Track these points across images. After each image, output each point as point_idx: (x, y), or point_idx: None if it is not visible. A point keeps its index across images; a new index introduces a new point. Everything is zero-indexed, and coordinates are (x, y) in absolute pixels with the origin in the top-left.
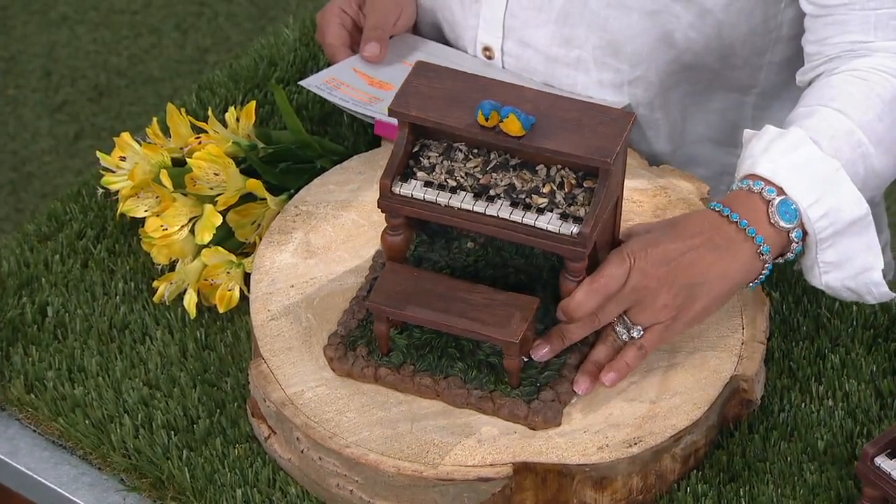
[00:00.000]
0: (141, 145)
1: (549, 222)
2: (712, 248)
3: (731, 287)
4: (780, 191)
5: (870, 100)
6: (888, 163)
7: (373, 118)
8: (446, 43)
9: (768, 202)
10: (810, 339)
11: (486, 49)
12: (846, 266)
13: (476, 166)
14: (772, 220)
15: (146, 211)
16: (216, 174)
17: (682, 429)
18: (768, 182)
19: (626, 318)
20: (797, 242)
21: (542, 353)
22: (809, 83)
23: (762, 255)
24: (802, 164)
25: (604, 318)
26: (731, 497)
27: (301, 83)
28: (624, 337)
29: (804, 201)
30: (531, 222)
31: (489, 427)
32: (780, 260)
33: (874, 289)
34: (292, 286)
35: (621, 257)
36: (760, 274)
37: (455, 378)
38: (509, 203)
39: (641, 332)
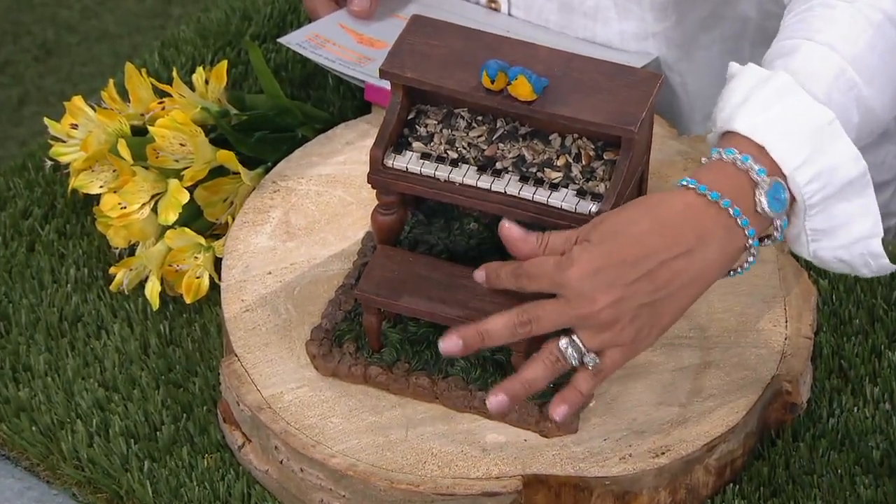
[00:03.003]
0: (95, 111)
1: (563, 200)
2: (688, 251)
3: (708, 285)
4: (762, 151)
5: (857, 25)
6: (885, 100)
7: (362, 81)
8: None
9: (756, 184)
10: (864, 334)
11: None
12: (839, 234)
13: (480, 136)
14: (758, 208)
15: (102, 187)
16: (182, 144)
17: (716, 436)
18: (746, 142)
19: (576, 340)
20: (778, 231)
21: (452, 343)
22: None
23: (750, 248)
24: (788, 117)
25: (536, 327)
26: None
27: (280, 40)
28: (573, 361)
29: (790, 164)
30: (543, 200)
31: (495, 434)
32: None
33: (872, 261)
34: (270, 273)
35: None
36: (742, 265)
37: (456, 378)
38: (518, 178)
39: (597, 361)
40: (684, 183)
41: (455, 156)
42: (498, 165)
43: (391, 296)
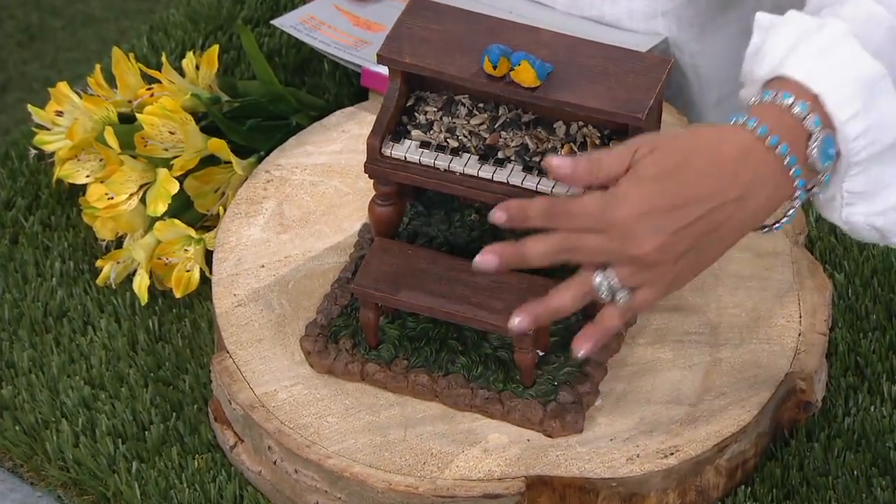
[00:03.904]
0: (81, 98)
1: (568, 190)
2: (741, 197)
3: (749, 230)
4: (816, 100)
5: None
6: None
7: (359, 66)
8: None
9: (810, 134)
10: (881, 330)
11: None
12: (877, 198)
13: (482, 123)
14: (809, 160)
15: (88, 176)
16: (171, 133)
17: (727, 436)
18: (800, 88)
19: (613, 275)
20: (820, 187)
21: (487, 260)
22: None
23: (795, 199)
24: (843, 67)
25: (575, 256)
26: None
27: (273, 22)
28: (603, 294)
29: (842, 115)
30: (547, 190)
31: (497, 434)
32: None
33: None
34: (263, 266)
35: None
36: (780, 220)
37: (457, 376)
38: (521, 167)
39: (629, 298)
40: (743, 121)
41: (455, 144)
42: (500, 154)
43: (389, 290)
